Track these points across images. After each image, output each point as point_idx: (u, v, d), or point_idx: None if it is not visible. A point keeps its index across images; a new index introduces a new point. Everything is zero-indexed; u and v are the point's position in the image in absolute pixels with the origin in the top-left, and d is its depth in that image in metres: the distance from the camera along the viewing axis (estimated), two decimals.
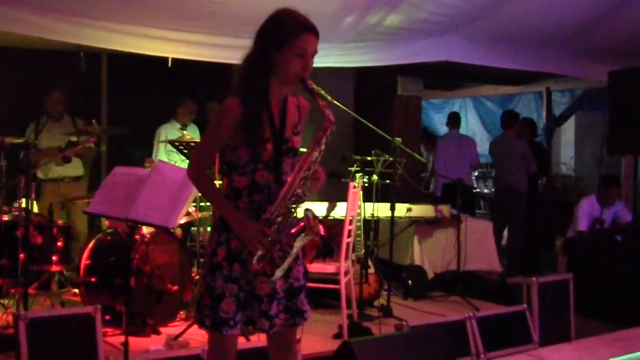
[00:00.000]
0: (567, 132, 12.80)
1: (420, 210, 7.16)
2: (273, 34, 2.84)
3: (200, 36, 6.12)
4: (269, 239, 2.78)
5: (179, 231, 6.44)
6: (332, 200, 6.21)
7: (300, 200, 2.84)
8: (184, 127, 7.20)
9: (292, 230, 2.83)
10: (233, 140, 2.85)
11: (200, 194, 6.27)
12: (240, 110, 2.81)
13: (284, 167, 2.91)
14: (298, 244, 2.83)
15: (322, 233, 2.88)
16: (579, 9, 6.45)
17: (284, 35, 2.81)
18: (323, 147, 2.85)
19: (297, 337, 3.13)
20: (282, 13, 2.88)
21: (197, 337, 5.09)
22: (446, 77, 10.51)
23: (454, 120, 9.29)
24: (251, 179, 2.86)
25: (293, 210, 2.84)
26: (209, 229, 6.26)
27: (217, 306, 2.82)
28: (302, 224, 2.83)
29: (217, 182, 5.58)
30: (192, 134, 7.04)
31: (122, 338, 4.66)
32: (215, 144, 2.92)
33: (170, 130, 7.26)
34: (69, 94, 6.18)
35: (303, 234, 2.82)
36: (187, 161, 6.28)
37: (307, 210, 2.85)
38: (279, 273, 2.83)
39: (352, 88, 9.26)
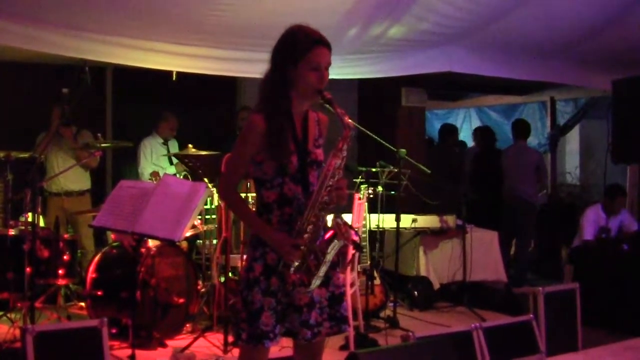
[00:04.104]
0: (572, 141, 12.78)
1: (426, 220, 7.16)
2: (287, 51, 2.93)
3: (204, 49, 6.15)
4: (303, 248, 2.84)
5: (184, 244, 6.45)
6: (337, 212, 6.21)
7: (327, 207, 2.90)
8: (165, 141, 7.25)
9: (325, 238, 2.88)
10: (258, 156, 2.92)
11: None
12: (265, 125, 2.88)
13: (310, 179, 2.97)
14: (331, 251, 2.88)
15: (354, 238, 2.91)
16: (581, 19, 6.46)
17: (298, 51, 2.90)
18: (345, 153, 2.91)
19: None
20: (294, 30, 2.97)
21: (203, 349, 5.10)
22: (450, 87, 10.51)
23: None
24: (279, 192, 2.92)
25: (322, 218, 2.90)
26: (214, 241, 6.27)
27: (257, 320, 2.86)
28: (333, 231, 2.88)
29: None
30: (173, 150, 7.08)
31: (128, 351, 4.69)
32: (242, 161, 2.97)
33: (153, 144, 7.29)
34: (75, 108, 6.21)
35: (335, 241, 2.87)
36: (176, 171, 6.32)
37: (336, 217, 2.91)
38: (316, 282, 2.88)
39: (356, 99, 9.28)
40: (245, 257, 3.07)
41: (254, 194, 3.25)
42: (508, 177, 8.39)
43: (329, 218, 2.98)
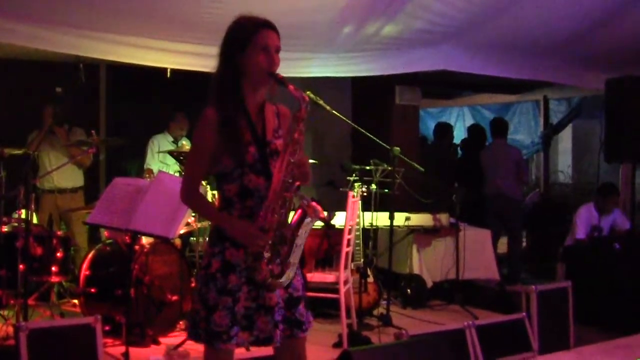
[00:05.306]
0: (565, 140, 12.84)
1: (419, 219, 7.17)
2: (234, 40, 2.90)
3: (198, 47, 6.14)
4: (271, 235, 2.76)
5: (177, 241, 6.45)
6: (331, 210, 6.22)
7: (291, 187, 2.80)
8: (175, 140, 7.27)
9: (293, 221, 2.81)
10: (217, 151, 2.85)
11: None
12: (217, 118, 2.83)
13: (272, 169, 2.89)
14: (302, 232, 2.81)
15: (322, 215, 2.85)
16: (575, 18, 6.48)
17: (243, 36, 2.87)
18: (302, 128, 2.83)
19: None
20: (238, 18, 2.94)
21: (197, 347, 5.07)
22: (444, 86, 10.53)
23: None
24: (240, 184, 2.85)
25: (288, 201, 2.81)
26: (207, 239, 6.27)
27: (209, 318, 2.79)
28: (300, 211, 2.81)
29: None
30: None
31: (122, 348, 4.69)
32: (201, 158, 2.90)
33: (162, 142, 7.31)
34: (68, 105, 6.21)
35: (305, 220, 2.80)
36: (180, 169, 6.33)
37: (301, 197, 2.85)
38: (290, 272, 2.81)
39: (350, 97, 9.27)
40: (203, 254, 2.98)
41: (214, 192, 3.15)
42: (490, 175, 8.39)
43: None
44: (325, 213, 5.97)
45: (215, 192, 5.68)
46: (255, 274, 2.78)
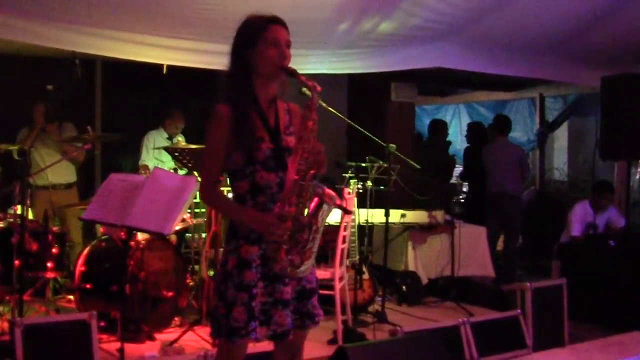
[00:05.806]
0: (560, 137, 12.84)
1: (415, 216, 7.18)
2: (244, 37, 2.93)
3: (194, 43, 6.15)
4: (290, 224, 2.77)
5: (173, 237, 6.45)
6: None
7: (306, 174, 2.80)
8: (170, 137, 7.27)
9: (310, 209, 2.82)
10: (229, 147, 2.86)
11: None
12: (230, 114, 2.85)
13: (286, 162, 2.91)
14: (320, 219, 2.83)
15: (339, 202, 2.85)
16: (571, 16, 6.49)
17: (253, 32, 2.90)
18: (315, 116, 2.84)
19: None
20: (247, 17, 2.97)
21: (192, 343, 5.10)
22: (440, 83, 10.53)
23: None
24: (251, 181, 2.86)
25: (304, 189, 2.81)
26: (203, 235, 6.27)
27: (229, 315, 2.81)
28: (317, 199, 2.82)
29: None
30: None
31: (117, 344, 4.67)
32: (216, 155, 2.90)
33: (157, 138, 7.30)
34: (64, 101, 6.19)
35: (323, 207, 2.81)
36: (175, 166, 6.33)
37: (315, 186, 2.84)
38: (309, 263, 2.84)
39: (346, 94, 9.28)
40: (222, 251, 3.00)
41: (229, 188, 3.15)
42: (492, 173, 8.37)
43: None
44: None
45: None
46: (275, 265, 2.79)
